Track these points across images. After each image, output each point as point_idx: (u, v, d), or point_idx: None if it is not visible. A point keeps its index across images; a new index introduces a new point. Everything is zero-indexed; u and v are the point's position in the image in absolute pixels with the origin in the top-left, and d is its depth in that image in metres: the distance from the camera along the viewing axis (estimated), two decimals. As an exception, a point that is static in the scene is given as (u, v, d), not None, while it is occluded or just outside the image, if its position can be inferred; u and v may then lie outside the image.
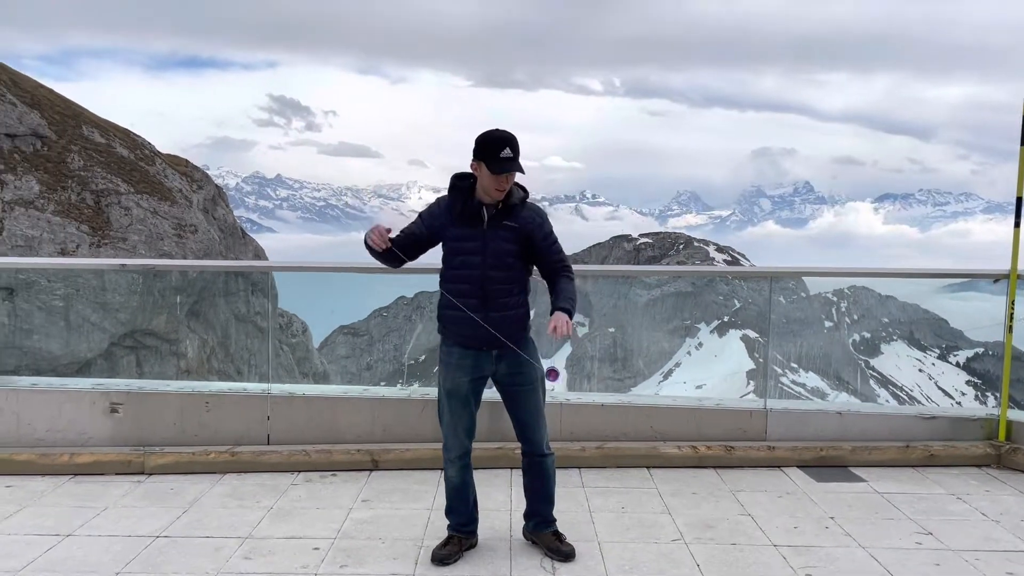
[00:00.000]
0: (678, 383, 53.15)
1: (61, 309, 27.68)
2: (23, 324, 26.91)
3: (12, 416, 5.27)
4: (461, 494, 4.17)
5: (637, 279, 59.91)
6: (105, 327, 30.88)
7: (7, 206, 34.04)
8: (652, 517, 4.68)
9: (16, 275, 25.28)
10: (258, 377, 33.57)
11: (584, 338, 56.55)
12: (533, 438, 4.14)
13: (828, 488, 5.19)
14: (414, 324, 63.63)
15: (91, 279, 29.48)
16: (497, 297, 3.92)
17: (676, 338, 55.31)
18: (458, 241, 3.94)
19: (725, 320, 55.10)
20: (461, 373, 4.02)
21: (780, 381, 56.21)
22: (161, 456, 5.21)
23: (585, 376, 58.44)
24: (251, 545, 4.23)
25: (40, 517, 4.54)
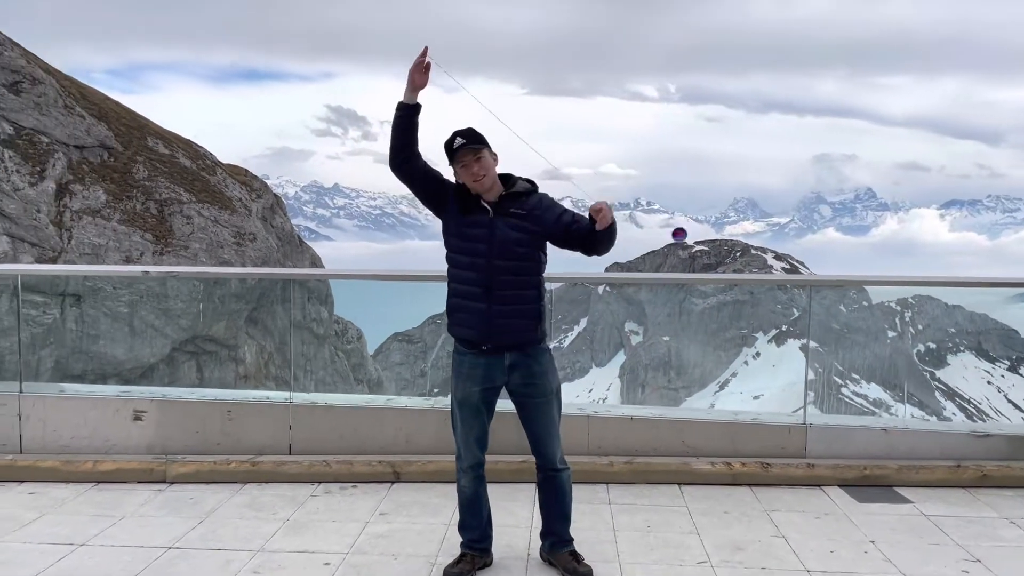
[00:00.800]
0: (734, 393, 52.23)
1: (126, 315, 28.37)
2: (90, 330, 27.66)
3: (39, 423, 5.29)
4: (474, 507, 4.02)
5: (693, 287, 59.03)
6: (167, 333, 31.54)
7: (75, 215, 35.04)
8: (679, 537, 4.47)
9: (83, 282, 26.01)
10: (314, 383, 33.90)
11: (638, 346, 56.02)
12: (545, 452, 3.97)
13: (870, 509, 4.91)
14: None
15: (154, 286, 30.18)
16: (502, 289, 3.75)
17: (732, 347, 54.41)
18: (465, 227, 3.78)
19: (784, 329, 53.98)
20: (472, 383, 3.88)
21: (840, 392, 54.95)
22: (183, 465, 5.17)
23: (639, 385, 57.87)
24: (262, 559, 4.14)
25: (58, 525, 4.53)
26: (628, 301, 57.85)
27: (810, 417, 5.51)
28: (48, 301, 30.03)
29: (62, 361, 28.82)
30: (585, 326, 59.06)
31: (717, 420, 5.50)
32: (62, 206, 34.92)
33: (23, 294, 22.86)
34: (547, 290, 4.05)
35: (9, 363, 13.84)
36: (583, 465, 5.26)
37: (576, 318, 59.99)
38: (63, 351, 29.22)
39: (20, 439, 5.30)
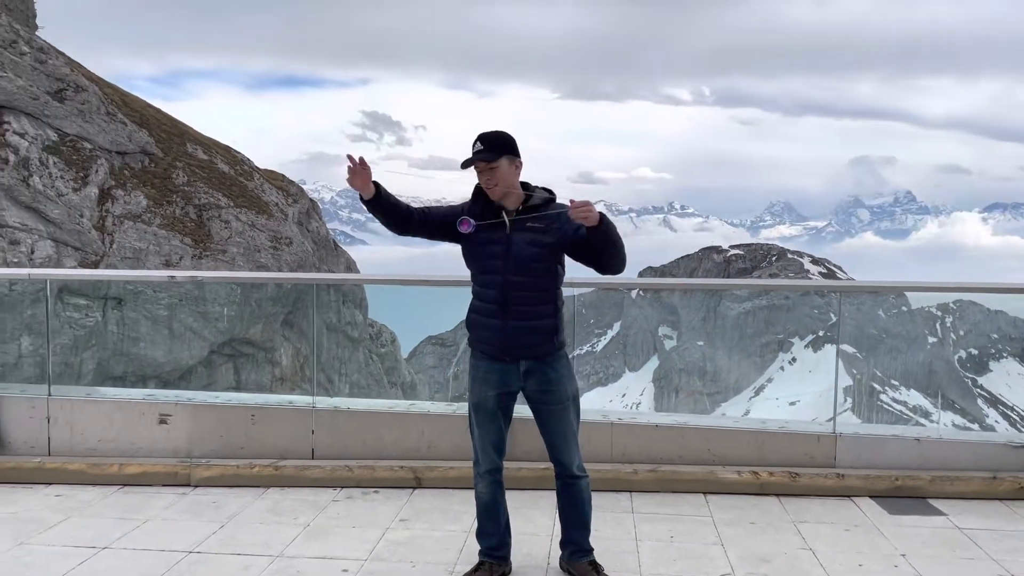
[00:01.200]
0: (770, 399, 51.63)
1: (165, 318, 28.79)
2: (131, 332, 28.09)
3: (66, 426, 5.35)
4: (492, 513, 3.97)
5: (728, 291, 58.56)
6: (205, 335, 31.99)
7: (117, 220, 35.67)
8: (702, 548, 4.38)
9: (124, 285, 26.40)
10: (348, 386, 34.01)
11: (672, 351, 55.64)
12: (563, 459, 3.92)
13: (902, 522, 4.78)
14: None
15: (192, 289, 30.63)
16: (518, 304, 3.72)
17: (768, 352, 53.83)
18: (482, 245, 3.76)
19: (821, 334, 53.32)
20: (487, 387, 3.84)
21: (879, 399, 54.03)
22: (207, 468, 5.19)
23: (673, 389, 57.40)
24: (280, 564, 4.13)
25: (82, 528, 4.56)
26: (662, 305, 57.51)
27: (840, 426, 5.39)
28: (90, 304, 30.61)
29: (104, 363, 29.34)
30: (618, 331, 58.79)
31: (744, 428, 5.40)
32: (104, 211, 35.57)
33: (66, 297, 23.12)
34: (572, 295, 4.01)
35: (34, 365, 14.20)
36: (606, 473, 5.19)
37: (609, 322, 59.72)
38: (104, 353, 29.75)
39: (48, 441, 5.36)
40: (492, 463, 3.93)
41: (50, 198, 33.72)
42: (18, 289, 24.83)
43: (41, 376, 17.72)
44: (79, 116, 35.81)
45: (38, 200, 32.98)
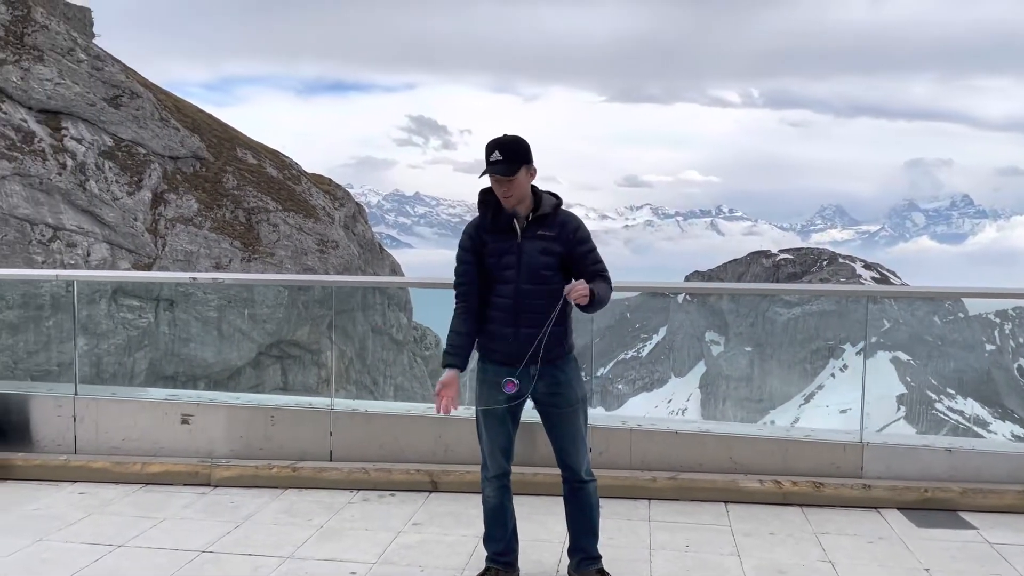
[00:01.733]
0: (820, 407, 50.72)
1: (215, 320, 29.34)
2: (182, 333, 28.66)
3: (92, 424, 5.45)
4: (499, 517, 3.93)
5: (777, 297, 57.70)
6: (254, 337, 32.50)
7: (169, 223, 36.46)
8: (717, 559, 4.28)
9: (176, 287, 26.94)
10: (392, 388, 34.13)
11: (719, 357, 54.93)
12: (571, 463, 3.86)
13: (929, 535, 4.62)
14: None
15: (241, 292, 31.14)
16: (530, 312, 3.69)
17: (819, 359, 52.90)
18: (494, 256, 3.73)
19: (873, 341, 52.26)
20: (496, 391, 3.79)
21: (934, 407, 52.71)
22: (227, 469, 5.24)
23: (720, 396, 56.65)
24: (290, 566, 4.14)
25: (100, 526, 4.63)
26: (709, 310, 56.89)
27: (867, 435, 5.23)
28: (143, 305, 31.30)
29: (156, 363, 29.98)
30: (664, 335, 58.28)
31: (767, 436, 5.27)
32: (157, 214, 36.36)
33: (120, 298, 23.55)
34: (618, 299, 3.99)
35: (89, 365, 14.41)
36: (624, 480, 5.12)
37: (655, 327, 59.23)
38: (157, 353, 30.39)
39: (75, 440, 5.46)
40: (500, 468, 3.89)
41: (105, 202, 34.56)
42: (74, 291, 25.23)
43: (96, 376, 18.12)
44: (134, 122, 36.67)
45: (94, 204, 33.84)
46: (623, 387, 59.42)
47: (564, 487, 3.95)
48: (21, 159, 32.49)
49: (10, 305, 27.11)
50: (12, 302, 26.93)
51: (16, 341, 26.98)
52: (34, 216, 33.03)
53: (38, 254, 32.62)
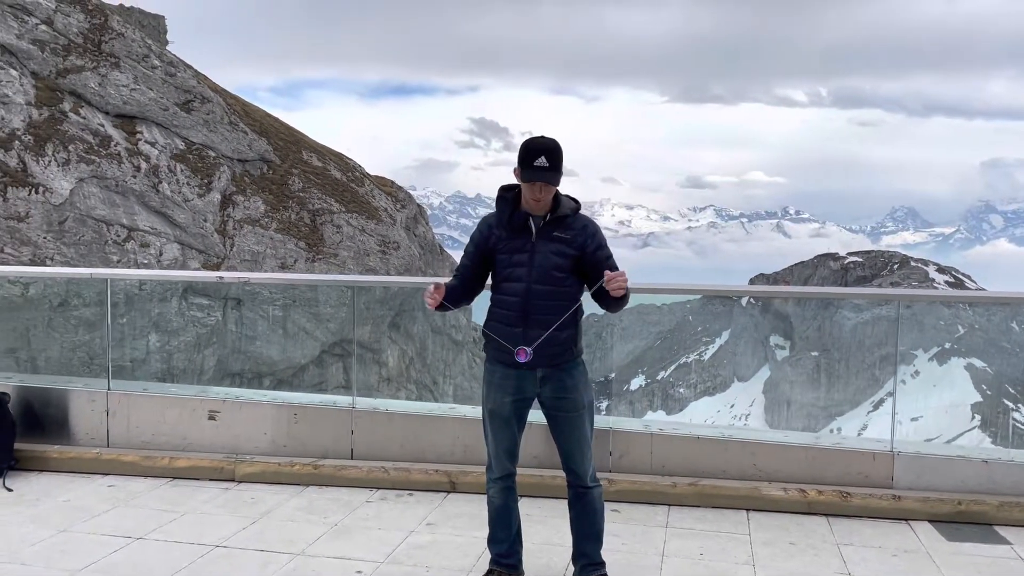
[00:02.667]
0: (888, 414, 48.93)
1: (280, 319, 29.96)
2: (248, 331, 29.34)
3: (123, 419, 5.59)
4: (503, 518, 3.89)
5: (846, 300, 56.50)
6: (317, 336, 33.11)
7: (237, 224, 37.42)
8: (731, 568, 4.18)
9: (244, 287, 27.60)
10: (452, 387, 34.47)
11: (784, 362, 53.81)
12: (576, 468, 3.81)
13: (959, 549, 4.42)
14: (604, 341, 63.33)
15: (306, 291, 31.72)
16: (539, 314, 3.64)
17: (888, 365, 51.37)
18: (507, 253, 3.70)
19: (947, 347, 50.58)
20: (503, 393, 3.76)
21: (1012, 417, 50.95)
22: (250, 465, 5.32)
23: (784, 402, 55.50)
24: (299, 563, 4.18)
25: (124, 518, 4.75)
26: (774, 314, 55.76)
27: (899, 444, 5.04)
28: (212, 304, 32.17)
29: (223, 360, 30.76)
30: (727, 339, 57.35)
31: (793, 443, 5.13)
32: (226, 215, 37.31)
33: (190, 297, 24.22)
34: (680, 302, 3.93)
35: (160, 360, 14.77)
36: (643, 485, 5.04)
37: (717, 331, 58.38)
38: (224, 351, 31.17)
39: (107, 434, 5.62)
40: (505, 469, 3.86)
41: (177, 203, 35.61)
42: (147, 289, 26.18)
43: (167, 372, 18.59)
44: (204, 126, 37.70)
45: (166, 205, 34.89)
46: (684, 391, 58.70)
47: (569, 492, 3.90)
48: (98, 162, 33.69)
49: (87, 303, 28.10)
50: (88, 300, 27.88)
51: (92, 337, 27.95)
52: (110, 217, 34.21)
53: (114, 254, 33.77)
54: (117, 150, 34.07)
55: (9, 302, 18.97)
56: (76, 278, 9.04)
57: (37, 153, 31.90)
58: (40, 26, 34.33)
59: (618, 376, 65.97)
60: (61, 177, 32.05)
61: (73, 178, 32.25)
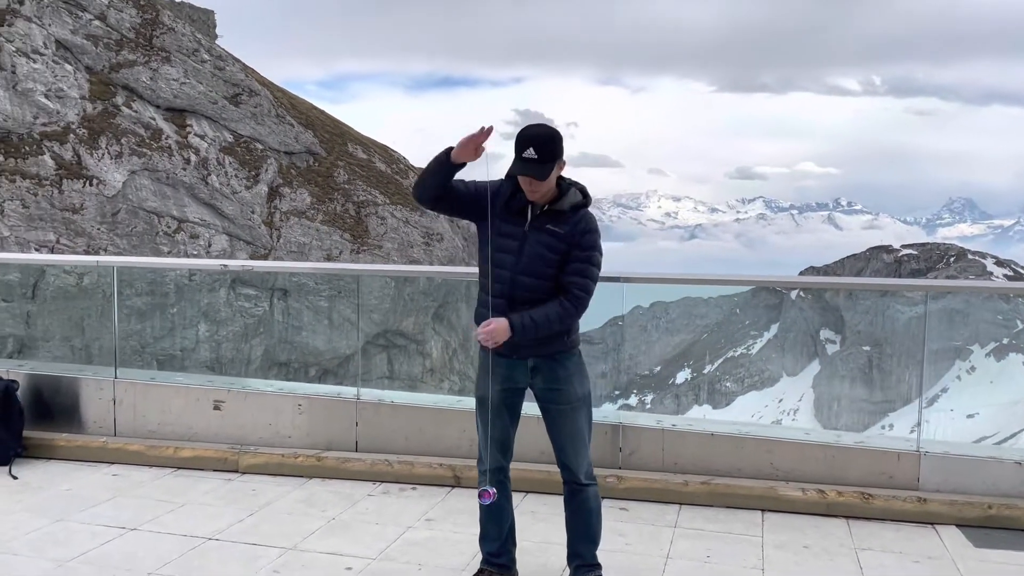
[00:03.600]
0: (943, 410, 48.07)
1: (325, 309, 30.20)
2: (294, 322, 29.64)
3: (130, 408, 5.56)
4: (494, 516, 3.73)
5: (899, 293, 55.12)
6: (361, 327, 33.31)
7: (284, 216, 37.84)
8: (737, 572, 3.96)
9: (290, 278, 27.89)
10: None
11: (834, 356, 52.74)
12: (569, 464, 3.64)
13: (986, 556, 4.15)
14: (649, 334, 62.45)
15: (350, 282, 31.91)
16: (524, 303, 3.47)
17: (943, 360, 50.08)
18: (498, 236, 3.51)
19: (1004, 342, 49.03)
20: (493, 381, 3.59)
21: (1075, 417, 49.19)
22: (254, 456, 5.24)
23: (834, 398, 54.47)
24: (289, 557, 4.07)
25: (122, 508, 4.69)
26: (824, 307, 54.72)
27: (926, 444, 4.76)
28: (259, 294, 32.58)
29: (270, 350, 31.14)
30: (775, 333, 56.40)
31: (813, 442, 4.88)
32: (272, 207, 37.72)
33: (238, 287, 24.50)
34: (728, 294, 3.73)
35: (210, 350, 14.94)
36: (655, 483, 4.84)
37: (766, 324, 57.43)
38: (271, 341, 31.53)
39: (114, 423, 5.59)
40: (496, 462, 3.68)
41: (225, 195, 36.10)
42: (197, 279, 26.38)
43: (216, 361, 18.91)
44: (252, 119, 38.14)
45: (215, 197, 35.40)
46: (731, 385, 57.93)
47: (564, 489, 3.73)
48: (150, 155, 34.28)
49: (138, 292, 28.64)
50: (140, 290, 28.42)
51: (143, 327, 28.50)
52: (161, 209, 34.82)
53: (164, 245, 34.38)
54: (168, 143, 34.63)
55: (65, 292, 19.39)
56: (128, 267, 9.03)
57: (91, 146, 32.58)
58: (94, 21, 35.01)
59: (663, 370, 65.71)
60: (114, 170, 32.69)
61: (125, 170, 32.87)
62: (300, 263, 26.77)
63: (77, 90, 33.61)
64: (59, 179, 31.29)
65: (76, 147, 32.15)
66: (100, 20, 35.35)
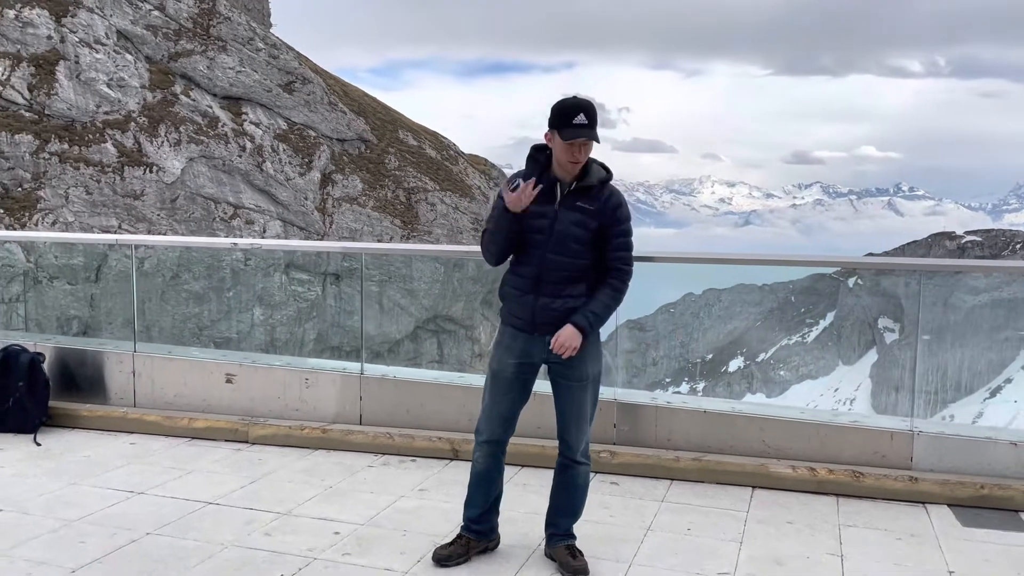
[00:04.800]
0: (1007, 401, 46.76)
1: (376, 294, 30.62)
2: (346, 306, 30.13)
3: (148, 380, 5.81)
4: (482, 483, 3.81)
5: (961, 280, 53.54)
6: (412, 312, 33.74)
7: (336, 202, 38.46)
8: (715, 544, 4.01)
9: (341, 262, 28.37)
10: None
11: (892, 345, 51.53)
12: (569, 439, 3.72)
13: (971, 534, 4.12)
14: (702, 321, 61.71)
15: (400, 268, 32.30)
16: (552, 283, 3.57)
17: (1008, 350, 48.63)
18: (528, 218, 3.57)
19: (1069, 331, 47.37)
20: (509, 355, 3.70)
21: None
22: (263, 428, 5.44)
23: (893, 387, 53.16)
24: (282, 522, 4.24)
25: (133, 475, 4.92)
26: (883, 295, 53.49)
27: (920, 423, 4.72)
28: (312, 279, 33.20)
29: (323, 333, 31.73)
30: (832, 321, 55.35)
31: (805, 420, 4.87)
32: (325, 194, 38.34)
33: (292, 272, 24.94)
34: (781, 282, 3.81)
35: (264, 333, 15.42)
36: (647, 458, 4.90)
37: (822, 312, 56.42)
38: (324, 325, 32.14)
39: (134, 394, 5.85)
40: (494, 434, 3.77)
41: (280, 182, 36.79)
42: (252, 264, 26.91)
43: (270, 343, 19.46)
44: (305, 106, 38.75)
45: (270, 184, 36.11)
46: (785, 374, 57.00)
47: (557, 460, 3.81)
48: (207, 142, 35.10)
49: (196, 276, 29.39)
50: (198, 274, 29.13)
51: (201, 310, 29.20)
52: (218, 195, 35.65)
53: (220, 230, 35.20)
54: (224, 131, 35.42)
55: (126, 275, 19.94)
56: (175, 246, 9.25)
57: (151, 134, 33.47)
58: (153, 12, 35.89)
59: (716, 357, 64.68)
60: (173, 157, 33.58)
61: (184, 158, 33.73)
62: (303, 242, 27.06)
63: (137, 79, 34.53)
64: (120, 166, 32.25)
65: (137, 135, 33.06)
66: (159, 10, 36.20)
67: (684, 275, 10.41)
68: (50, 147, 31.16)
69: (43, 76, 32.56)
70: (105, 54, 34.05)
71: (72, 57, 32.83)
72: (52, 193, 30.51)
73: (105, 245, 21.35)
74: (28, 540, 3.97)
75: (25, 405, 5.52)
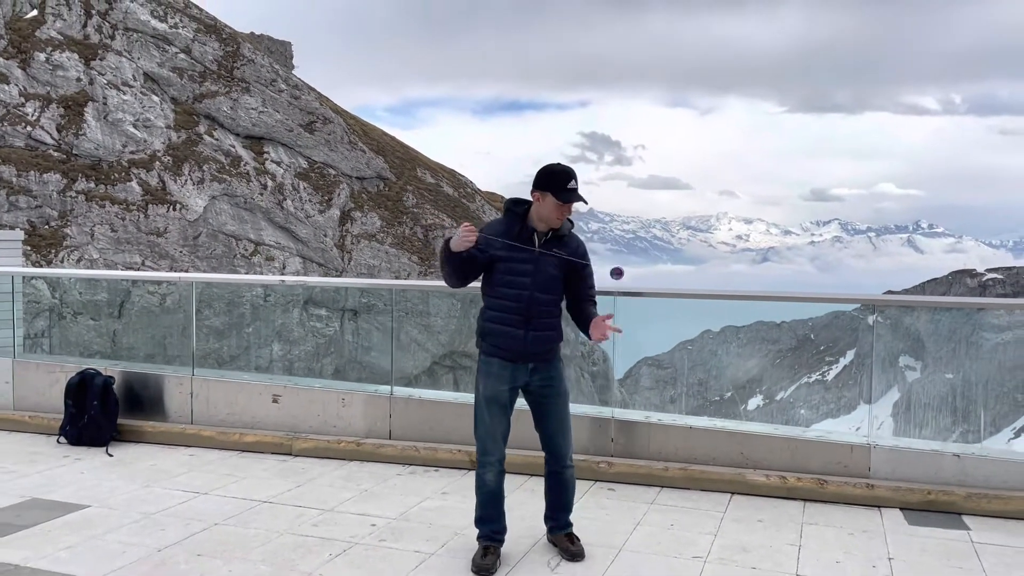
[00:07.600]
0: (1044, 437, 46.61)
1: (394, 330, 31.33)
2: (363, 342, 30.85)
3: (204, 400, 6.60)
4: (496, 501, 4.45)
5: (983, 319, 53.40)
6: (428, 347, 34.43)
7: (355, 239, 39.44)
8: (693, 536, 4.73)
9: (359, 298, 29.16)
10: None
11: (914, 383, 51.55)
12: (559, 450, 4.44)
13: (916, 532, 4.82)
14: (720, 359, 62.02)
15: (417, 304, 32.99)
16: (540, 317, 4.30)
17: (1031, 387, 48.41)
18: (510, 263, 4.26)
19: (1087, 367, 47.31)
20: (500, 382, 4.38)
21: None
22: (305, 441, 6.21)
23: (916, 425, 53.12)
24: (326, 516, 5.00)
25: (195, 479, 5.70)
26: (904, 333, 53.41)
27: (876, 437, 5.44)
28: (330, 315, 33.97)
29: (340, 369, 32.40)
30: (852, 359, 55.47)
31: (778, 435, 5.59)
32: (344, 231, 39.29)
33: (310, 308, 25.70)
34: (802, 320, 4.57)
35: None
36: (640, 468, 5.62)
37: (842, 350, 56.59)
38: (341, 360, 32.83)
39: (191, 412, 6.64)
40: (501, 452, 4.45)
41: (300, 219, 37.80)
42: (271, 300, 27.77)
43: (288, 373, 19.85)
44: (325, 145, 39.89)
45: (290, 221, 37.13)
46: (806, 412, 57.03)
47: (547, 469, 4.50)
48: (229, 181, 36.20)
49: (216, 312, 30.10)
50: (218, 310, 29.84)
51: (221, 345, 29.88)
52: (239, 232, 36.66)
53: (241, 267, 36.14)
54: (246, 169, 36.55)
55: (148, 311, 20.82)
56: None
57: (175, 173, 34.59)
58: (179, 55, 37.24)
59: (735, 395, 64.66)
60: (196, 195, 34.65)
61: (207, 196, 34.80)
62: (353, 279, 27.98)
63: (163, 120, 35.78)
64: (145, 204, 33.31)
65: (161, 174, 34.18)
66: (185, 53, 37.55)
67: (702, 312, 10.94)
68: (77, 185, 32.16)
69: (72, 117, 33.70)
70: (132, 95, 35.31)
71: (100, 98, 34.09)
72: (78, 231, 31.52)
73: (128, 282, 22.33)
74: (117, 528, 4.75)
75: (99, 422, 6.33)
